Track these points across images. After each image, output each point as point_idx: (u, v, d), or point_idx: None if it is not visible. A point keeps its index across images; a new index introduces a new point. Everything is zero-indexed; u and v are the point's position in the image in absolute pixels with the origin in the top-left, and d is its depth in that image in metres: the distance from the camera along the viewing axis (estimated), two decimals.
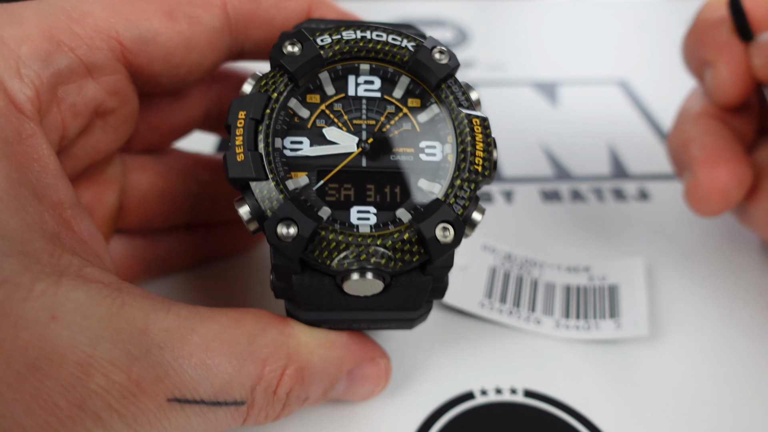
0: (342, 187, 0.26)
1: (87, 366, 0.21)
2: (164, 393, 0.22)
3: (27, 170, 0.23)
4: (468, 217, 0.26)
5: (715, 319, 0.35)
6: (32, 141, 0.23)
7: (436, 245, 0.24)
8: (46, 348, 0.20)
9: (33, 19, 0.24)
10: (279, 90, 0.26)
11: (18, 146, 0.23)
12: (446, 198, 0.25)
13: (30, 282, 0.21)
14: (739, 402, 0.31)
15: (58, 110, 0.25)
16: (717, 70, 0.34)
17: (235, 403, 0.24)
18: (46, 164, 0.24)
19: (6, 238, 0.21)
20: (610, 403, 0.31)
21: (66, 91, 0.25)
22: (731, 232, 0.41)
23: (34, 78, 0.24)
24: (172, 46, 0.27)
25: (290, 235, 0.24)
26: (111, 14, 0.26)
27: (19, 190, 0.22)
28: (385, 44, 0.27)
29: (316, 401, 0.27)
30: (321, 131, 0.27)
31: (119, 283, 0.23)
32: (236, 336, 0.24)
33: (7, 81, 0.23)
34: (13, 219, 0.21)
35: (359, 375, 0.28)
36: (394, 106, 0.28)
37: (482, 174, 0.26)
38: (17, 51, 0.24)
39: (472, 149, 0.26)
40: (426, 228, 0.24)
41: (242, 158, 0.24)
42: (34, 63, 0.24)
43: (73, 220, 0.24)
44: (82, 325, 0.21)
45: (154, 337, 0.22)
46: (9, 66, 0.23)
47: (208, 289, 0.36)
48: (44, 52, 0.24)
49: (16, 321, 0.20)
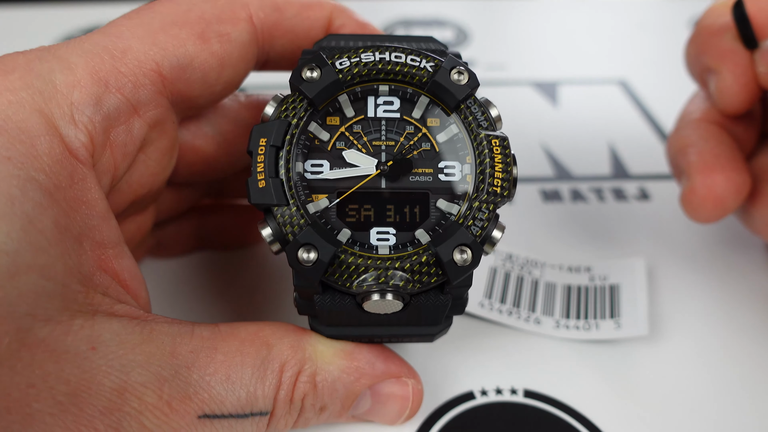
0: (362, 208, 0.26)
1: (122, 391, 0.22)
2: (194, 411, 0.23)
3: (75, 213, 0.24)
4: (487, 237, 0.26)
5: (714, 320, 0.35)
6: (83, 185, 0.24)
7: (454, 268, 0.25)
8: (85, 378, 0.22)
9: (81, 63, 0.25)
10: (299, 116, 0.26)
11: (69, 191, 0.24)
12: (464, 220, 0.26)
13: (69, 319, 0.22)
14: (739, 402, 0.31)
15: (111, 153, 0.26)
16: (721, 77, 0.34)
17: (261, 413, 0.25)
18: (94, 207, 0.25)
19: (51, 280, 0.22)
20: (610, 403, 0.31)
21: (117, 133, 0.26)
22: (731, 233, 0.41)
23: (87, 123, 0.25)
24: (208, 67, 0.28)
25: (311, 260, 0.24)
26: (149, 46, 0.26)
27: (64, 235, 0.23)
28: (404, 65, 0.27)
29: (338, 416, 0.27)
30: (341, 153, 0.27)
31: (146, 315, 0.24)
32: (256, 348, 0.25)
33: (63, 128, 0.24)
34: (58, 263, 0.23)
35: (384, 393, 0.28)
36: (413, 126, 0.28)
37: (501, 195, 0.26)
38: (70, 97, 0.24)
39: (491, 170, 0.26)
40: (443, 251, 0.25)
41: (263, 185, 0.25)
42: (86, 108, 0.25)
43: (114, 259, 0.25)
44: (117, 353, 0.22)
45: (181, 358, 0.24)
46: (64, 113, 0.24)
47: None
48: (95, 96, 0.25)
49: (60, 355, 0.22)
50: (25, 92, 0.24)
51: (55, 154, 0.23)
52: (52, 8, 0.64)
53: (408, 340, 0.29)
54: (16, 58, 0.25)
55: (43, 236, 0.22)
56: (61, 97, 0.24)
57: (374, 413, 0.28)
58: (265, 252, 0.39)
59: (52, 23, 0.61)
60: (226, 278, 0.37)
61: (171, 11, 0.27)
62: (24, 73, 0.24)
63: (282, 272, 0.37)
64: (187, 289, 0.36)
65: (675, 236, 0.41)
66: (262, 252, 0.39)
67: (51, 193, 0.23)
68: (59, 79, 0.24)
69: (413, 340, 0.29)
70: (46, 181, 0.23)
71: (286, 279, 0.37)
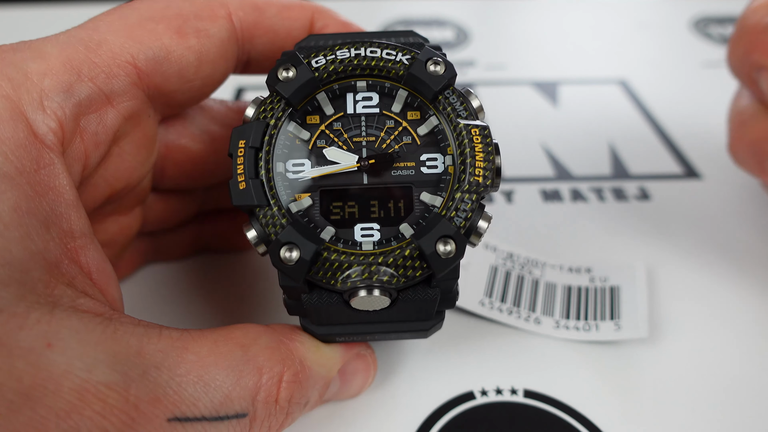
0: (346, 205, 0.26)
1: (83, 392, 0.20)
2: (164, 413, 0.22)
3: (41, 199, 0.23)
4: (472, 228, 0.26)
5: (714, 320, 0.35)
6: (50, 170, 0.24)
7: (438, 260, 0.25)
8: (41, 376, 0.20)
9: (54, 53, 0.25)
10: (277, 116, 0.27)
11: (34, 176, 0.23)
12: (446, 211, 0.25)
13: (25, 311, 0.21)
14: (739, 403, 0.31)
15: (81, 140, 0.26)
16: None
17: (237, 416, 0.24)
18: (61, 193, 0.24)
19: (7, 266, 0.21)
20: (609, 404, 0.31)
21: (88, 121, 0.26)
22: (731, 233, 0.41)
23: (57, 110, 0.25)
24: (185, 62, 0.28)
25: (293, 259, 0.24)
26: (124, 39, 0.27)
27: (26, 219, 0.22)
28: (380, 60, 0.27)
29: (315, 405, 0.27)
30: (322, 152, 0.27)
31: (111, 313, 0.23)
32: (230, 349, 0.24)
33: (30, 113, 0.24)
34: (16, 247, 0.22)
35: (350, 371, 0.29)
36: (393, 120, 0.28)
37: (483, 184, 0.26)
38: (40, 84, 0.24)
39: (471, 160, 0.26)
40: (425, 244, 0.25)
41: (244, 186, 0.25)
42: (56, 95, 0.25)
43: (81, 250, 0.24)
44: (77, 350, 0.21)
45: (150, 358, 0.22)
46: (32, 99, 0.24)
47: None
48: (66, 84, 0.25)
49: (11, 350, 0.20)
50: None
51: (19, 139, 0.23)
52: (52, 8, 0.64)
53: (401, 336, 0.29)
54: None
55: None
56: (30, 84, 0.24)
57: (342, 392, 0.29)
58: (259, 255, 0.39)
59: (52, 23, 0.60)
60: (219, 281, 0.37)
61: (149, 8, 0.28)
62: None
63: (276, 275, 0.37)
64: (181, 292, 0.36)
65: (675, 236, 0.41)
66: (256, 256, 0.39)
67: (12, 177, 0.23)
68: (31, 67, 0.25)
69: (407, 337, 0.29)
70: (5, 164, 0.23)
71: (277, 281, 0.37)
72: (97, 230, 0.30)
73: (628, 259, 0.38)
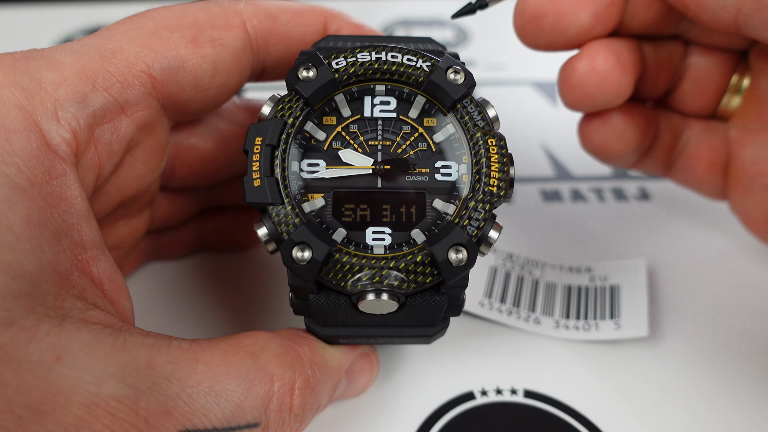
0: (358, 207, 0.26)
1: (92, 406, 0.20)
2: (174, 426, 0.21)
3: (53, 210, 0.23)
4: (483, 237, 0.26)
5: (714, 321, 0.35)
6: (62, 181, 0.24)
7: (449, 268, 0.25)
8: (50, 390, 0.20)
9: (69, 62, 0.25)
10: (295, 115, 0.27)
11: (46, 187, 0.23)
12: (460, 220, 0.26)
13: (35, 324, 0.21)
14: (738, 402, 0.31)
15: (95, 150, 0.26)
16: None
17: (249, 426, 0.23)
18: (73, 204, 0.24)
19: (18, 278, 0.21)
20: (609, 404, 0.31)
21: (102, 130, 0.26)
22: (731, 233, 0.41)
23: (71, 120, 0.24)
24: (200, 71, 0.28)
25: (305, 259, 0.24)
26: (140, 48, 0.26)
27: (38, 231, 0.22)
28: (401, 65, 0.27)
29: (325, 407, 0.27)
30: (337, 153, 0.27)
31: (120, 324, 0.23)
32: (240, 357, 0.24)
33: (44, 123, 0.24)
34: (28, 260, 0.22)
35: (356, 371, 0.29)
36: (409, 126, 0.28)
37: (497, 195, 0.26)
38: (55, 94, 0.24)
39: (487, 170, 0.26)
40: (438, 251, 0.25)
41: (258, 183, 0.25)
42: (71, 105, 0.24)
43: (92, 261, 0.24)
44: (87, 364, 0.21)
45: (160, 369, 0.22)
46: (46, 109, 0.24)
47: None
48: (80, 93, 0.25)
49: (21, 364, 0.20)
50: (7, 89, 0.24)
51: (32, 150, 0.23)
52: (52, 8, 0.64)
53: (404, 341, 0.29)
54: (3, 57, 0.25)
55: (10, 232, 0.21)
56: (45, 94, 0.24)
57: (348, 392, 0.29)
58: (263, 254, 0.39)
59: (52, 23, 0.61)
60: (223, 280, 0.37)
61: (164, 17, 0.28)
62: (9, 71, 0.24)
63: (279, 274, 0.37)
64: (184, 291, 0.36)
65: (675, 236, 0.41)
66: (259, 254, 0.39)
67: (24, 188, 0.22)
68: (45, 77, 0.24)
69: (410, 342, 0.29)
70: (17, 176, 0.22)
71: (283, 281, 0.37)
72: (106, 235, 0.30)
73: (628, 260, 0.38)
